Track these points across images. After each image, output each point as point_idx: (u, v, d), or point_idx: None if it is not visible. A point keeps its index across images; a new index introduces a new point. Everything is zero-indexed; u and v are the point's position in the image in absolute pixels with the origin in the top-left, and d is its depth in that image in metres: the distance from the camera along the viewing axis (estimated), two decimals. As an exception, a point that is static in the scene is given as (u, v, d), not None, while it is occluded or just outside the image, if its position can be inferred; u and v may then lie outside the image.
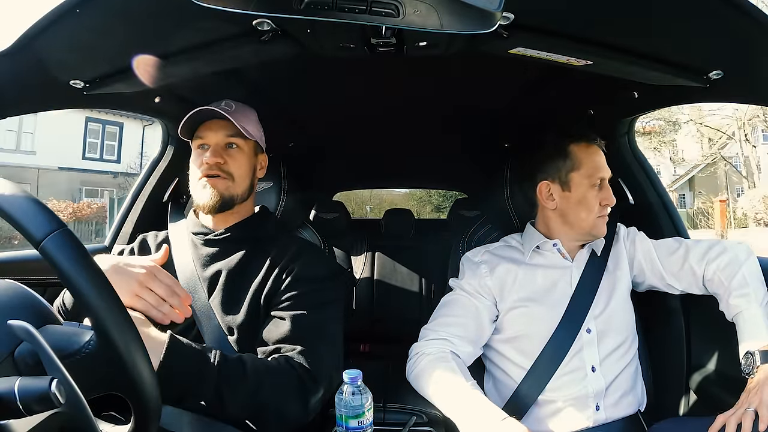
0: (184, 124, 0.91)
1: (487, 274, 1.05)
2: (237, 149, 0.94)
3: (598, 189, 1.02)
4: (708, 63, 0.80)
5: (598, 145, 1.04)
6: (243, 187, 0.94)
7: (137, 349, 0.44)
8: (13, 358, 0.41)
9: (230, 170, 0.92)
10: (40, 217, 0.40)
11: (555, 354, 0.96)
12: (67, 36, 0.70)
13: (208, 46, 0.80)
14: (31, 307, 0.46)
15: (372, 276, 2.39)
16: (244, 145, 0.95)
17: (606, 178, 1.03)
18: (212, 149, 0.91)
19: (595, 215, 1.02)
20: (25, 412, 0.37)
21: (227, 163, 0.92)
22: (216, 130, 0.92)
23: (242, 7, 0.55)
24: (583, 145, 1.03)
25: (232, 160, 0.92)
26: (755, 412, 0.75)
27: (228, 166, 0.92)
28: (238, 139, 0.93)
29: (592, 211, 1.01)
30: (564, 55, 0.79)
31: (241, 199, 0.94)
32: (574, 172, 1.02)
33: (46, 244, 0.38)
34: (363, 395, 0.75)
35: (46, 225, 0.39)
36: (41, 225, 0.39)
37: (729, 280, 0.93)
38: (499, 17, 0.55)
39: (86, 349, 0.44)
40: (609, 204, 1.02)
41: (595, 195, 1.02)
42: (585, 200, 1.02)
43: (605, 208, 1.02)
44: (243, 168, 0.94)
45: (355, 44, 0.79)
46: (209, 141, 0.92)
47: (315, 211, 2.30)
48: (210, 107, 0.90)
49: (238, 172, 0.93)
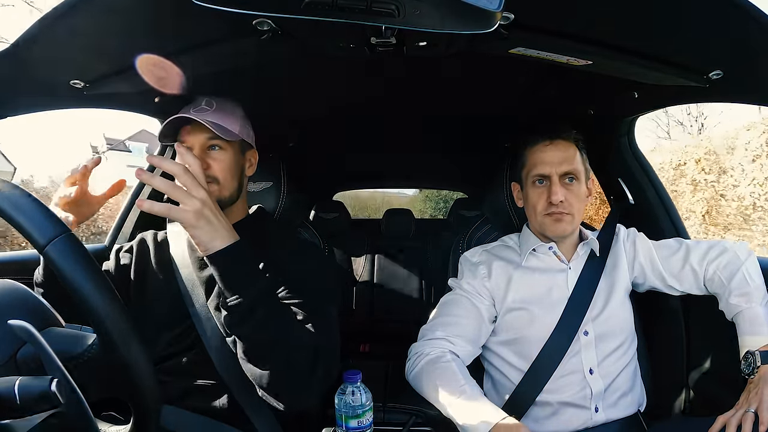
0: (163, 131, 0.90)
1: (485, 276, 1.05)
2: (220, 151, 0.91)
3: (543, 186, 1.01)
4: (708, 63, 0.80)
5: (558, 141, 1.01)
6: (230, 189, 0.92)
7: (139, 352, 0.44)
8: (15, 361, 0.41)
9: (214, 174, 0.89)
10: (43, 221, 0.40)
11: (552, 357, 0.96)
12: (67, 36, 0.70)
13: (208, 45, 0.80)
14: (32, 307, 0.46)
15: (372, 276, 2.39)
16: (228, 146, 0.92)
17: (552, 174, 0.99)
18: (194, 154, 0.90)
19: (540, 214, 1.01)
20: (25, 411, 0.37)
21: (210, 168, 0.89)
22: (196, 133, 0.90)
23: (242, 7, 0.55)
24: (538, 144, 1.03)
25: (215, 163, 0.90)
26: (755, 413, 0.74)
27: (211, 170, 0.89)
28: (220, 141, 0.90)
29: (535, 209, 1.02)
30: (564, 55, 0.79)
31: (229, 201, 0.92)
32: (523, 171, 1.06)
33: (49, 249, 0.38)
34: (363, 395, 0.76)
35: (49, 230, 0.39)
36: (45, 230, 0.39)
37: (729, 280, 0.92)
38: (499, 17, 0.55)
39: (89, 352, 0.44)
40: (552, 200, 0.98)
41: (539, 193, 1.01)
42: (527, 198, 1.05)
43: (556, 207, 0.99)
44: (228, 170, 0.91)
45: (355, 44, 0.79)
46: (190, 145, 0.90)
47: (315, 211, 2.30)
48: (184, 114, 0.88)
49: (223, 175, 0.90)
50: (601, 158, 1.37)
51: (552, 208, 0.99)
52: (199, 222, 0.69)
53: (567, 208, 0.99)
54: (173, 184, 0.68)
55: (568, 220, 1.00)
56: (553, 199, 0.98)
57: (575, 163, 1.01)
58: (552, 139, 1.02)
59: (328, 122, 1.60)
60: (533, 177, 1.02)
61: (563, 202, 0.98)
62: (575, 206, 1.00)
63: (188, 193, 0.68)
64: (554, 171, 0.99)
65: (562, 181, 0.99)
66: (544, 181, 1.01)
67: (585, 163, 1.05)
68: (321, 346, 0.77)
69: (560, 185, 0.98)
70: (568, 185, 1.00)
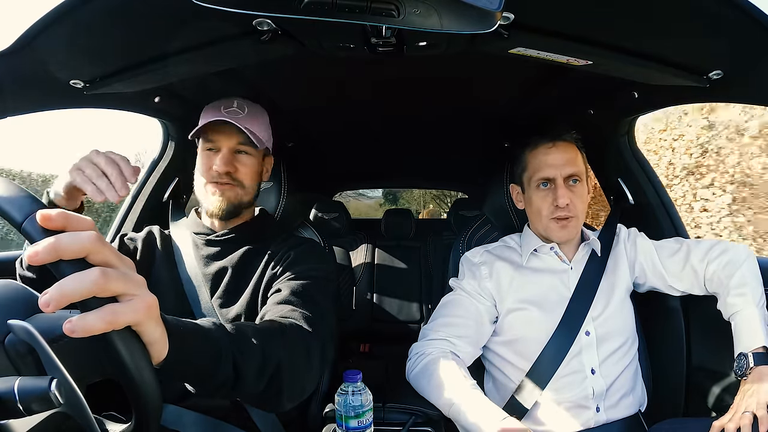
0: (196, 131, 0.89)
1: (486, 276, 1.05)
2: (247, 156, 0.92)
3: (547, 189, 1.01)
4: (708, 63, 0.80)
5: (560, 143, 1.01)
6: (251, 194, 0.94)
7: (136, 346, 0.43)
8: (3, 346, 0.41)
9: (240, 178, 0.91)
10: (19, 199, 0.39)
11: (553, 357, 0.96)
12: (67, 36, 0.70)
13: (208, 46, 0.79)
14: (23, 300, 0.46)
15: (372, 276, 2.39)
16: (255, 152, 0.93)
17: (557, 177, 0.99)
18: (222, 156, 0.89)
19: (545, 218, 1.01)
20: (25, 412, 0.37)
21: (238, 171, 0.90)
22: (228, 135, 0.90)
23: (242, 7, 0.55)
24: (540, 147, 1.03)
25: (243, 167, 0.91)
26: (753, 414, 0.74)
27: (238, 174, 0.90)
28: (249, 147, 0.91)
29: (540, 214, 1.02)
30: (564, 55, 0.79)
31: (248, 205, 0.94)
32: (524, 175, 1.06)
33: (26, 225, 0.38)
34: (363, 395, 0.76)
35: (25, 206, 0.38)
36: (21, 207, 0.38)
37: (728, 279, 0.93)
38: (499, 17, 0.55)
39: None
40: (559, 204, 0.98)
41: (543, 196, 1.01)
42: (531, 202, 1.04)
43: (562, 211, 0.99)
44: (252, 175, 0.93)
45: (355, 44, 0.79)
46: (220, 146, 0.90)
47: (315, 211, 2.30)
48: (218, 115, 0.88)
49: (248, 180, 0.92)
50: (601, 158, 1.37)
51: (558, 212, 0.99)
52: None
53: (572, 210, 0.99)
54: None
55: (573, 224, 1.01)
56: (560, 203, 0.98)
57: (578, 164, 1.01)
58: (554, 142, 1.02)
59: (328, 122, 1.61)
60: (537, 180, 1.02)
61: (569, 205, 0.99)
62: (579, 208, 1.01)
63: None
64: (559, 174, 0.99)
65: (567, 184, 1.00)
66: (548, 184, 1.01)
67: (585, 162, 1.05)
68: (313, 337, 0.72)
69: (565, 188, 0.99)
70: (572, 187, 1.00)
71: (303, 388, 0.69)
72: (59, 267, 0.36)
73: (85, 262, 0.36)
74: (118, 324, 0.37)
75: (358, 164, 2.41)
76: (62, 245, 0.35)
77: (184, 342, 0.46)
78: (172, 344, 0.44)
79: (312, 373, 0.71)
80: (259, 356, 0.59)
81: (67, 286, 0.34)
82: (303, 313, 0.75)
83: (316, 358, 0.72)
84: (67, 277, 0.35)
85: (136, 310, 0.38)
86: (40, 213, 0.36)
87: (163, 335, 0.43)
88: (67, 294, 0.34)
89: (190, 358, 0.48)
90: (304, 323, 0.73)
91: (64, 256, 0.35)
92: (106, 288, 0.36)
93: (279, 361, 0.61)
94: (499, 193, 1.23)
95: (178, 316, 0.86)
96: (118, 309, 0.37)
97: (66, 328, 0.35)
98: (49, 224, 0.36)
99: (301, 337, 0.70)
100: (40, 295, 0.34)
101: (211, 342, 0.52)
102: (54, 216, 0.36)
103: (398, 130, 1.70)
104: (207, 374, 0.51)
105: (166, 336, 0.43)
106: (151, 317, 0.40)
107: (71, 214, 0.37)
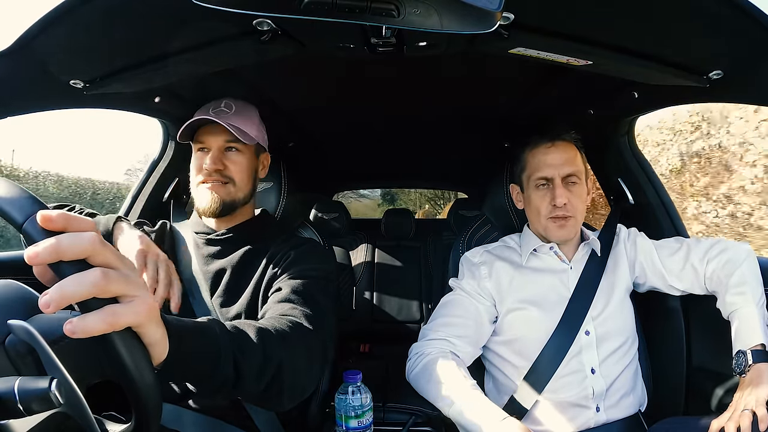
0: (183, 129, 0.90)
1: (486, 276, 1.05)
2: (237, 152, 0.93)
3: (545, 189, 1.01)
4: (708, 63, 0.80)
5: (559, 143, 1.02)
6: (245, 191, 0.94)
7: (136, 346, 0.44)
8: (3, 346, 0.41)
9: (231, 175, 0.92)
10: (19, 199, 0.39)
11: (553, 356, 0.96)
12: (67, 36, 0.70)
13: (208, 46, 0.80)
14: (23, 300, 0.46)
15: (372, 276, 2.39)
16: (245, 149, 0.94)
17: (555, 177, 0.99)
18: (212, 155, 0.91)
19: (544, 217, 1.01)
20: (25, 412, 0.37)
21: (227, 168, 0.91)
22: (216, 134, 0.92)
23: (242, 7, 0.55)
24: (539, 147, 1.03)
25: (233, 164, 0.92)
26: (752, 412, 0.74)
27: (228, 171, 0.91)
28: (238, 143, 0.93)
29: (539, 213, 1.02)
30: (564, 55, 0.79)
31: (243, 202, 0.94)
32: (523, 174, 1.06)
33: (27, 226, 0.37)
34: (363, 395, 0.76)
35: (26, 207, 0.38)
36: (22, 207, 0.38)
37: (727, 278, 0.93)
38: (499, 17, 0.55)
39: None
40: (557, 204, 0.98)
41: (541, 196, 1.01)
42: (530, 201, 1.04)
43: (560, 210, 0.99)
44: (244, 171, 0.94)
45: (355, 44, 0.79)
46: (209, 145, 0.92)
47: (315, 211, 2.30)
48: (206, 115, 0.89)
49: (239, 176, 0.93)
50: (600, 158, 1.37)
51: (556, 211, 0.99)
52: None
53: (570, 210, 0.99)
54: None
55: (571, 223, 1.00)
56: (557, 202, 0.98)
57: (577, 164, 1.01)
58: (553, 141, 1.02)
59: (328, 122, 1.61)
60: (535, 180, 1.02)
61: (567, 204, 0.98)
62: (578, 208, 1.00)
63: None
64: (557, 173, 0.99)
65: (565, 183, 1.00)
66: (547, 183, 1.01)
67: (584, 162, 1.05)
68: (313, 336, 0.72)
69: (563, 188, 0.99)
70: (570, 187, 1.00)
71: (303, 388, 0.69)
72: (60, 268, 0.35)
73: (85, 263, 0.36)
74: (118, 325, 0.37)
75: (358, 164, 2.41)
76: (63, 246, 0.35)
77: (184, 342, 0.46)
78: (173, 345, 0.44)
79: (312, 372, 0.71)
80: (260, 356, 0.58)
81: (67, 286, 0.34)
82: (304, 312, 0.75)
83: (316, 358, 0.72)
84: (67, 277, 0.35)
85: (137, 312, 0.38)
86: (41, 214, 0.36)
87: (163, 336, 0.43)
88: (68, 295, 0.34)
89: (191, 358, 0.48)
90: (305, 322, 0.73)
91: (64, 257, 0.35)
92: (106, 289, 0.36)
93: (280, 361, 0.61)
94: (499, 193, 1.23)
95: (179, 315, 0.86)
96: (119, 310, 0.37)
97: (66, 329, 0.35)
98: (50, 225, 0.36)
99: (302, 337, 0.70)
100: (41, 296, 0.34)
101: (212, 342, 0.52)
102: (55, 217, 0.36)
103: (398, 130, 1.70)
104: (207, 374, 0.52)
105: (167, 337, 0.43)
106: (152, 318, 0.40)
107: (72, 215, 0.37)
